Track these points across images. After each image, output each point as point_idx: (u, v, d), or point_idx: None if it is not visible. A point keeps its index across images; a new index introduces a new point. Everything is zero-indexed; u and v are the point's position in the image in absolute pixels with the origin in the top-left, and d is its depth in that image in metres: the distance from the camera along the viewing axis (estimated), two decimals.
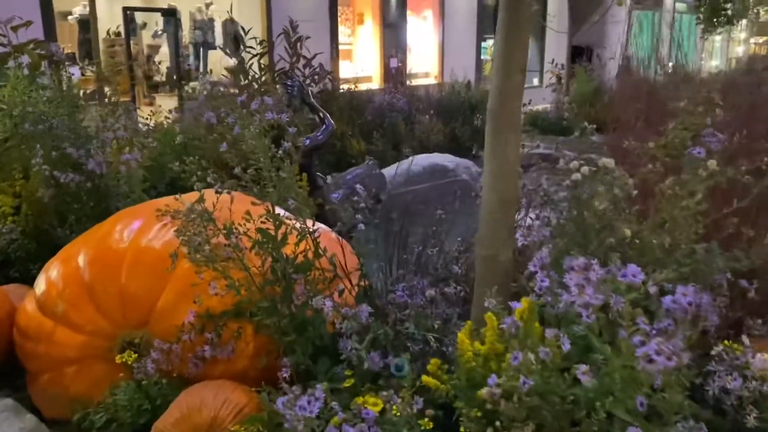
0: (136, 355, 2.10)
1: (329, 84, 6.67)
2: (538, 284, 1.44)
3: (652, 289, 1.49)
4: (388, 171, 5.02)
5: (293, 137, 2.01)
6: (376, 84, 14.49)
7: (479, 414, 1.59)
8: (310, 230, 2.20)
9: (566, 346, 1.35)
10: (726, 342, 1.79)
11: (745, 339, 1.71)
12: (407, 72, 13.92)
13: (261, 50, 6.03)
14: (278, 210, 2.19)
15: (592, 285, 1.36)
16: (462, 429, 1.62)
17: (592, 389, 1.36)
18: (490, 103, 1.94)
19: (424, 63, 15.90)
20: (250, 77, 5.76)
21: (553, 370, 1.43)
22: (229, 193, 2.07)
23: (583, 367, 1.33)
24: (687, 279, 1.68)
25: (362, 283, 2.28)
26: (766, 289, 1.98)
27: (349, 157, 6.61)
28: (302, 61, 6.14)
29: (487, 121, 1.96)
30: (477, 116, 8.64)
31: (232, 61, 7.18)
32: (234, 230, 1.97)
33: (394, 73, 12.35)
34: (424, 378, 1.69)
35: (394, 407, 1.62)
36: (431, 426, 1.67)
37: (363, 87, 10.29)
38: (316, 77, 6.22)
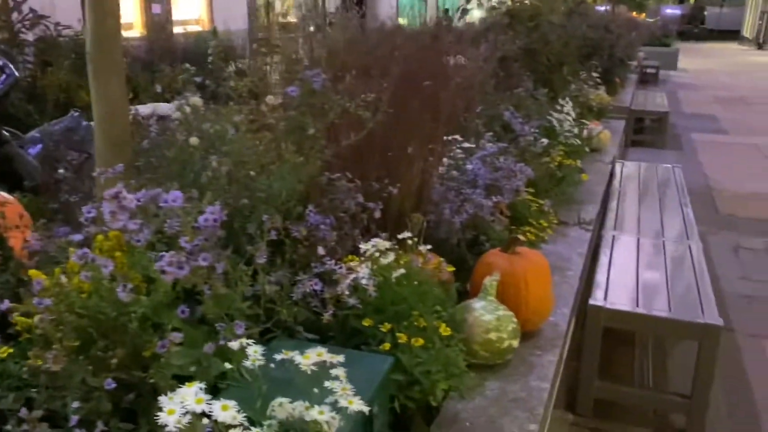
0: None
1: (52, 30, 6.16)
2: (85, 215, 1.55)
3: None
4: None
5: None
6: (136, 32, 13.62)
7: None
8: None
9: (108, 270, 1.48)
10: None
11: (320, 249, 1.99)
12: (171, 19, 13.24)
13: None
14: None
15: (128, 211, 1.51)
16: None
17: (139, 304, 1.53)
18: (88, 47, 1.99)
19: (193, 10, 15.24)
20: None
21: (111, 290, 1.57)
22: None
23: (128, 286, 1.47)
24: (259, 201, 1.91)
25: None
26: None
27: (80, 109, 6.22)
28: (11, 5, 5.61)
29: (87, 65, 2.01)
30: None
31: None
32: None
33: (157, 20, 11.68)
34: None
35: None
36: None
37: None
38: (27, 23, 5.74)
